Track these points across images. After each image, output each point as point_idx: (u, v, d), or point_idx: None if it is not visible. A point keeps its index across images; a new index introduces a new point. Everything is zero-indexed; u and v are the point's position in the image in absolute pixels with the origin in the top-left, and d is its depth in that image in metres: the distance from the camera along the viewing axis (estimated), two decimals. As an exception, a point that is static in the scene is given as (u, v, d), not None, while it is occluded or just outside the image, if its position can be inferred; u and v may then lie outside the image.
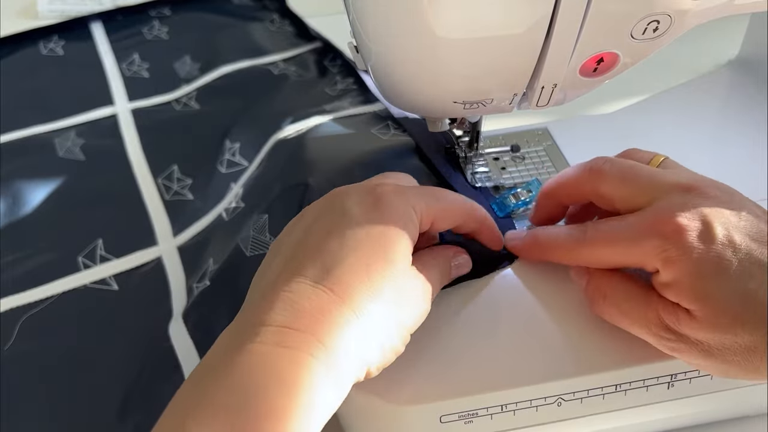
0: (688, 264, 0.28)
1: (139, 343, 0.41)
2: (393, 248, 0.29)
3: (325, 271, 0.28)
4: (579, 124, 0.48)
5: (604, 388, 0.33)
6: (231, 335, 0.28)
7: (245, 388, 0.25)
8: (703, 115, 0.48)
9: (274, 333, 0.26)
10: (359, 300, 0.28)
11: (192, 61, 0.62)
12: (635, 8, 0.30)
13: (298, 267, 0.28)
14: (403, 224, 0.30)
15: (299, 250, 0.30)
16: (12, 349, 0.41)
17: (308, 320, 0.27)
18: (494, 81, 0.33)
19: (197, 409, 0.25)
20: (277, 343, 0.26)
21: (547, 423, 0.33)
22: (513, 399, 0.32)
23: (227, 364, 0.26)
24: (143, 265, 0.46)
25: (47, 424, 0.38)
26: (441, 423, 0.32)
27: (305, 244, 0.30)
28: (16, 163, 0.53)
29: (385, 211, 0.30)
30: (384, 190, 0.31)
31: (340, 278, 0.28)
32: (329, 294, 0.27)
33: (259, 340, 0.26)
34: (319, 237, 0.29)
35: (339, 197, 0.31)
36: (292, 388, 0.25)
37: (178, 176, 0.52)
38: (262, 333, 0.26)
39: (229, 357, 0.26)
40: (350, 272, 0.28)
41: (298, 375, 0.25)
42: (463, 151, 0.43)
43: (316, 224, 0.31)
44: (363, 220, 0.29)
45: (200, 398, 0.25)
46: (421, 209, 0.31)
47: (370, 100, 0.52)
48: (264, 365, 0.26)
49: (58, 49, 0.65)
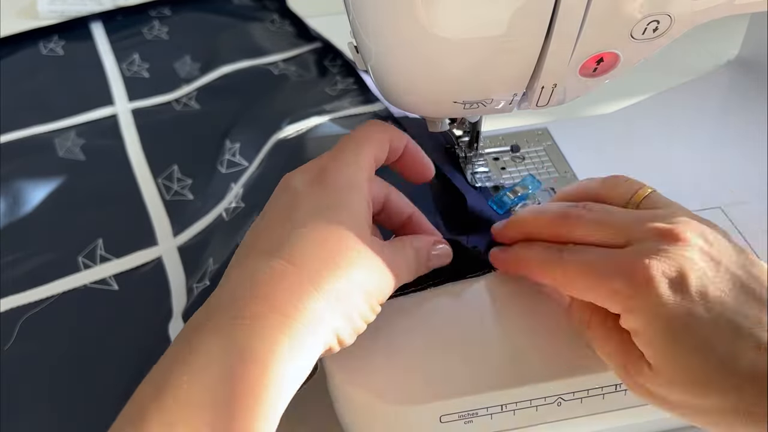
0: (652, 316, 0.27)
1: (139, 343, 0.41)
2: (344, 215, 0.29)
3: (279, 245, 0.28)
4: (579, 124, 0.48)
5: (604, 388, 0.33)
6: (192, 320, 0.28)
7: (206, 368, 0.25)
8: (703, 115, 0.48)
9: (230, 307, 0.26)
10: (316, 268, 0.27)
11: (192, 61, 0.62)
12: (635, 8, 0.30)
13: (252, 246, 0.29)
14: (350, 188, 0.30)
15: (253, 233, 0.31)
16: (12, 349, 0.41)
17: (265, 291, 0.27)
18: (494, 81, 0.33)
19: (159, 396, 0.24)
20: (235, 317, 0.26)
21: (547, 423, 0.33)
22: (513, 399, 0.32)
23: (187, 346, 0.26)
24: (143, 265, 0.46)
25: (47, 424, 0.38)
26: (441, 423, 0.32)
27: (259, 226, 0.31)
28: (17, 163, 0.53)
29: (329, 180, 0.30)
30: (325, 159, 0.32)
31: (293, 249, 0.28)
32: (285, 264, 0.27)
33: (216, 318, 0.26)
34: (270, 217, 0.30)
35: (286, 179, 0.32)
36: (253, 362, 0.25)
37: (179, 176, 0.52)
38: (219, 311, 0.26)
39: (187, 340, 0.26)
40: (304, 242, 0.28)
41: (259, 348, 0.25)
42: (463, 151, 0.43)
43: (268, 208, 0.32)
44: (310, 192, 0.30)
45: (162, 385, 0.25)
46: (368, 161, 0.32)
47: (370, 100, 0.52)
48: (223, 342, 0.25)
49: (59, 49, 0.65)
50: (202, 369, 0.25)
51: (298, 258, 0.27)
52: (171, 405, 0.24)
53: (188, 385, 0.24)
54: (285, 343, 0.25)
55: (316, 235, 0.28)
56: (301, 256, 0.28)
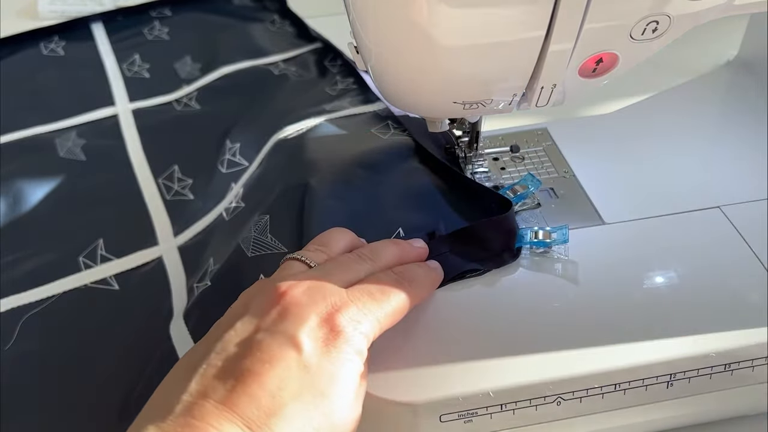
0: None
1: (139, 343, 0.41)
2: (338, 403, 0.28)
3: (262, 416, 0.26)
4: (579, 124, 0.48)
5: (604, 388, 0.33)
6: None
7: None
8: (702, 115, 0.48)
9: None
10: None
11: (192, 62, 0.62)
12: (635, 8, 0.30)
13: (230, 395, 0.27)
14: (351, 366, 0.29)
15: (237, 371, 0.27)
16: (12, 348, 0.41)
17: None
18: (494, 81, 0.33)
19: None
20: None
21: (547, 422, 0.33)
22: (513, 398, 0.32)
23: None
24: (144, 265, 0.46)
25: (48, 424, 0.38)
26: (441, 422, 0.32)
27: (245, 367, 0.27)
28: (17, 163, 0.53)
29: (335, 355, 0.28)
30: (339, 323, 0.29)
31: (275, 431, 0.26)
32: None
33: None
34: (262, 365, 0.27)
35: (293, 317, 0.29)
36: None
37: (179, 176, 0.52)
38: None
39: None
40: (286, 428, 0.26)
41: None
42: (463, 151, 0.43)
43: (261, 340, 0.28)
44: (311, 358, 0.28)
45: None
46: (374, 333, 0.30)
47: (370, 99, 0.52)
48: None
49: (59, 49, 0.65)
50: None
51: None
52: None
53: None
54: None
55: (302, 421, 0.27)
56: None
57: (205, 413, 0.26)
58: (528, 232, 0.38)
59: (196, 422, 0.26)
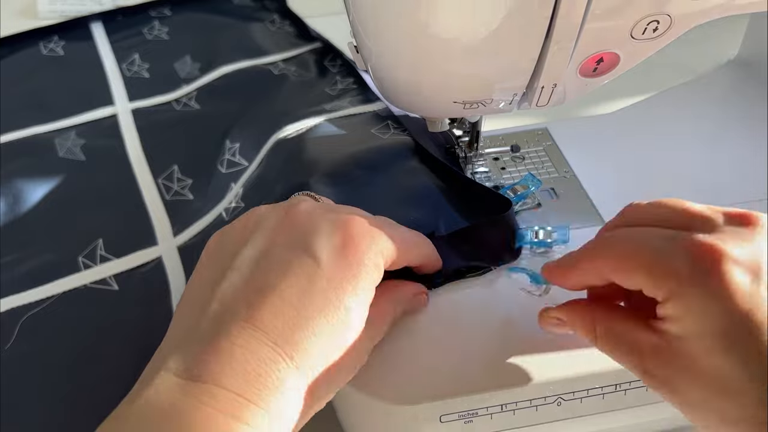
0: (711, 307, 0.23)
1: (139, 343, 0.41)
2: (355, 311, 0.27)
3: (286, 332, 0.26)
4: (579, 124, 0.48)
5: (604, 388, 0.33)
6: (167, 377, 0.26)
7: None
8: (703, 115, 0.48)
9: (220, 397, 0.24)
10: (316, 374, 0.26)
11: (192, 61, 0.62)
12: (635, 8, 0.30)
13: (252, 312, 0.26)
14: (369, 278, 0.28)
15: (255, 288, 0.27)
16: (12, 349, 0.41)
17: (262, 391, 0.25)
18: (494, 81, 0.33)
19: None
20: (220, 410, 0.24)
21: (547, 423, 0.33)
22: (513, 399, 0.32)
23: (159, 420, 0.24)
24: (143, 265, 0.46)
25: (47, 424, 0.38)
26: (441, 423, 0.32)
27: (263, 282, 0.27)
28: (17, 163, 0.53)
29: (353, 261, 0.28)
30: (354, 231, 0.28)
31: (300, 346, 0.26)
32: (287, 363, 0.26)
33: (203, 401, 0.24)
34: (281, 277, 0.27)
35: (306, 228, 0.28)
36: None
37: (179, 176, 0.52)
38: (207, 394, 0.24)
39: (164, 411, 0.24)
40: (313, 342, 0.26)
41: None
42: (463, 151, 0.43)
43: (277, 253, 0.28)
44: (330, 268, 0.27)
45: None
46: (389, 254, 0.29)
47: (370, 99, 0.52)
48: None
49: (59, 49, 0.65)
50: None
51: (304, 360, 0.26)
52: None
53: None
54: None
55: (326, 335, 0.27)
56: (308, 358, 0.26)
57: (229, 332, 0.26)
58: (529, 232, 0.38)
59: (221, 342, 0.25)
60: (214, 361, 0.25)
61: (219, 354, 0.25)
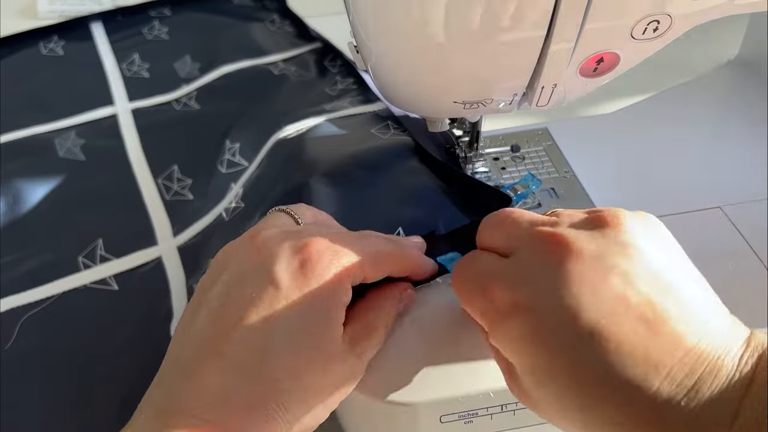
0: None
1: (139, 343, 0.41)
2: (325, 333, 0.28)
3: (256, 360, 0.27)
4: (579, 124, 0.48)
5: (604, 388, 0.33)
6: (152, 415, 0.27)
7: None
8: (703, 115, 0.48)
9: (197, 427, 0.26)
10: (289, 400, 0.27)
11: (192, 61, 0.62)
12: (635, 8, 0.30)
13: (223, 346, 0.27)
14: (332, 294, 0.28)
15: (224, 319, 0.28)
16: (12, 348, 0.41)
17: (234, 418, 0.26)
18: (494, 81, 0.33)
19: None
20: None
21: (547, 423, 0.33)
22: (513, 399, 0.32)
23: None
24: (143, 265, 0.46)
25: (47, 424, 0.38)
26: (441, 423, 0.32)
27: (228, 313, 0.28)
28: (17, 163, 0.53)
29: (312, 279, 0.28)
30: (312, 250, 0.29)
31: (271, 373, 0.27)
32: (258, 388, 0.27)
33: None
34: (245, 306, 0.28)
35: (266, 257, 0.29)
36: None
37: (178, 176, 0.52)
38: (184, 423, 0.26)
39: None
40: (281, 367, 0.27)
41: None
42: (463, 151, 0.43)
43: (240, 285, 0.29)
44: (290, 290, 0.28)
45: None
46: (355, 269, 0.29)
47: (370, 99, 0.52)
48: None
49: (59, 49, 0.65)
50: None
51: (273, 386, 0.27)
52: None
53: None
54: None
55: (293, 359, 0.27)
56: (276, 383, 0.27)
57: (204, 372, 0.27)
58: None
59: (195, 379, 0.27)
60: (190, 393, 0.27)
61: (195, 385, 0.27)
